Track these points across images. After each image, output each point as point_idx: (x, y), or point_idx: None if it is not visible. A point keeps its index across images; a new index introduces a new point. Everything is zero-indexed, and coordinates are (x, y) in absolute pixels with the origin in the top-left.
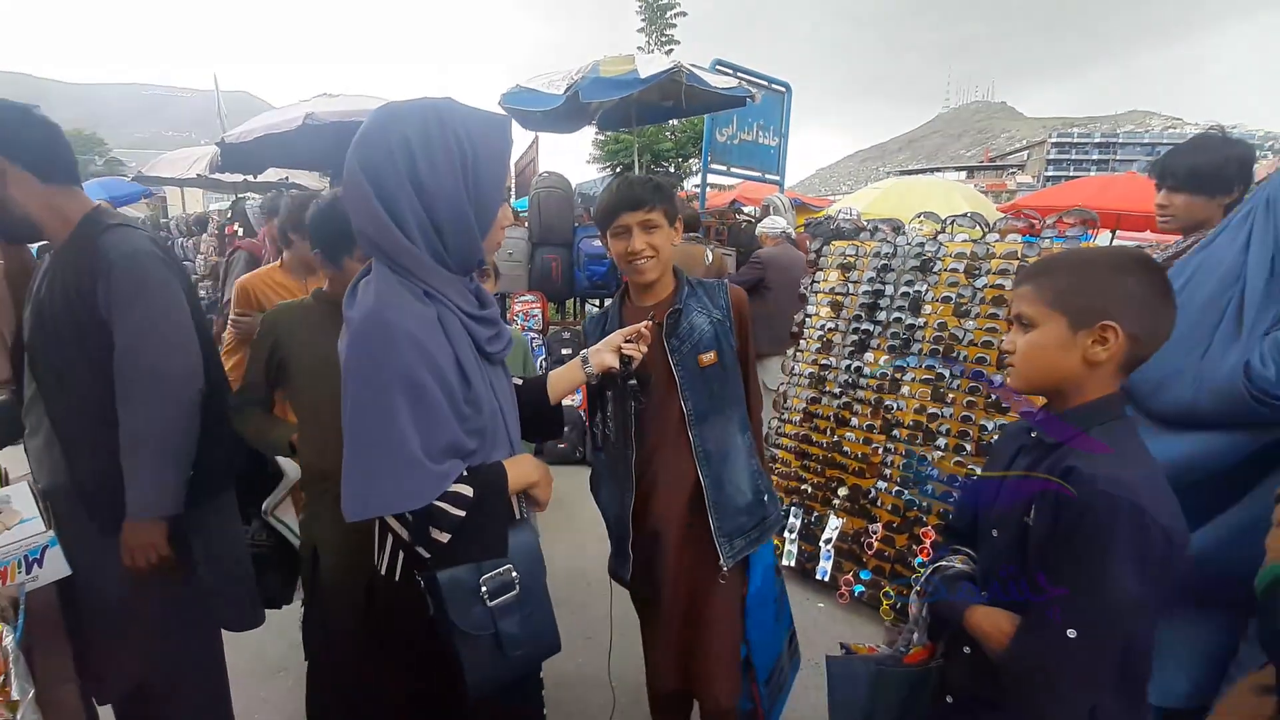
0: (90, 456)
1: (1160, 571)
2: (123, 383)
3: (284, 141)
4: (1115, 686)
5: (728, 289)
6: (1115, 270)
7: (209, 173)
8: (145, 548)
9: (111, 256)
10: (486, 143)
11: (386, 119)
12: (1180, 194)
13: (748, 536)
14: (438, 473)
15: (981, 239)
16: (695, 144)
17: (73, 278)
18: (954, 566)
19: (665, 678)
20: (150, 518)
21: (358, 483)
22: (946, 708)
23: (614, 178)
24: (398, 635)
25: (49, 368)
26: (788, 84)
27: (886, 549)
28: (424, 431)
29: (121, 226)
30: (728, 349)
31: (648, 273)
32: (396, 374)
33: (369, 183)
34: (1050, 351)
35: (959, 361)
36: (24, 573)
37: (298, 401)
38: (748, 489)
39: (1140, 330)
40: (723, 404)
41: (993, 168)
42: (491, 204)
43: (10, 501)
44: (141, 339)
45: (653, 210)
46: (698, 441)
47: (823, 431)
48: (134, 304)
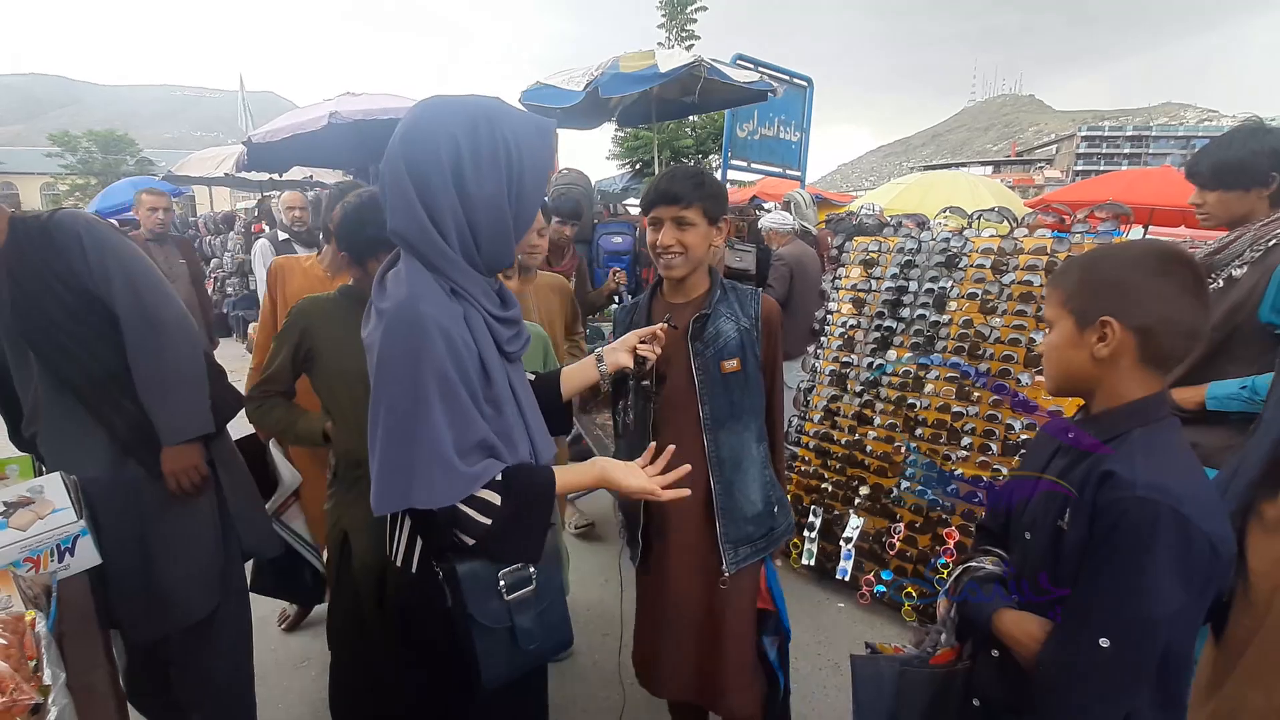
0: (119, 409)
1: (1203, 580)
2: (132, 333)
3: (308, 140)
4: (1151, 696)
5: (760, 298)
6: (1119, 265)
7: (235, 171)
8: (187, 469)
9: (75, 229)
10: (532, 150)
11: (435, 116)
12: (1212, 191)
13: (754, 545)
14: (468, 474)
15: (1009, 234)
16: (716, 140)
17: (39, 264)
18: (984, 567)
19: (677, 690)
20: (185, 440)
21: (389, 476)
22: (973, 711)
23: (671, 167)
24: (413, 625)
25: (55, 351)
26: (809, 78)
27: (908, 549)
28: (456, 427)
29: (60, 209)
30: (752, 358)
31: (674, 269)
32: (432, 367)
33: (412, 183)
34: (1063, 351)
35: (983, 373)
36: (56, 561)
37: (329, 390)
38: (758, 499)
39: (1150, 322)
40: (741, 412)
41: (1020, 162)
42: (531, 209)
43: (43, 491)
44: (136, 293)
45: (689, 207)
46: (711, 447)
47: (844, 430)
48: (114, 265)
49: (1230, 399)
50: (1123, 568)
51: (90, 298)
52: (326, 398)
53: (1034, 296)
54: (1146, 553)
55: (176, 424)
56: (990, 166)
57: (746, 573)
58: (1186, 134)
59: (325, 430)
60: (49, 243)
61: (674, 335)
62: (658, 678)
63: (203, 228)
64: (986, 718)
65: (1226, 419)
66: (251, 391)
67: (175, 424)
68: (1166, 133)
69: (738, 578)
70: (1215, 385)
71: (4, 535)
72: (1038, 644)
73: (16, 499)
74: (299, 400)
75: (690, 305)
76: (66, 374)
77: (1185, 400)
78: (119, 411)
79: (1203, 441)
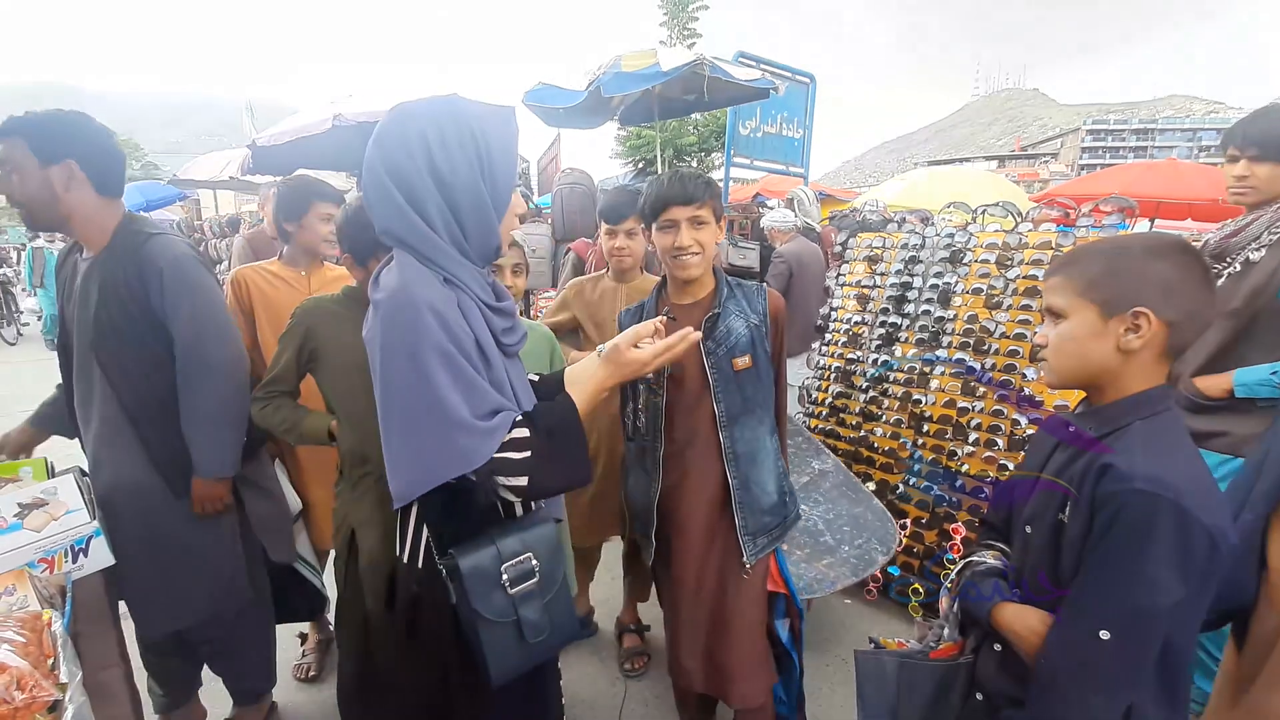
0: (160, 432)
1: (1203, 573)
2: (184, 371)
3: (313, 143)
4: (1153, 689)
5: (766, 293)
6: (1147, 255)
7: (240, 175)
8: (213, 499)
9: (159, 264)
10: (498, 133)
11: (401, 118)
12: (1263, 164)
13: (770, 535)
14: (490, 427)
15: (1014, 229)
16: (718, 138)
17: (122, 283)
18: (985, 562)
19: (690, 678)
20: (215, 476)
21: (407, 462)
22: (976, 705)
23: (664, 171)
24: (421, 622)
25: (113, 363)
26: (812, 75)
27: (915, 544)
28: (466, 394)
29: (161, 235)
30: (762, 354)
31: (692, 269)
32: (431, 343)
33: (391, 180)
34: (1082, 342)
35: (989, 368)
36: (70, 562)
37: (334, 388)
38: (773, 489)
39: (1177, 315)
40: (754, 406)
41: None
42: (505, 189)
43: (57, 493)
44: (196, 334)
45: (702, 206)
46: (727, 443)
47: (849, 426)
48: (185, 304)
49: (1261, 385)
50: (1122, 560)
51: (159, 327)
52: (331, 397)
53: (1039, 291)
54: (1145, 545)
55: (211, 461)
56: (995, 161)
57: (761, 560)
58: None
59: (330, 429)
60: (137, 267)
61: None
62: (676, 670)
63: (208, 231)
64: (989, 711)
65: (1255, 406)
66: (257, 392)
67: (210, 461)
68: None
69: (755, 566)
70: (1243, 372)
71: (19, 536)
72: (1038, 637)
73: (31, 500)
74: (302, 401)
75: (698, 305)
76: (121, 391)
77: (1210, 388)
78: (161, 435)
79: (1232, 430)
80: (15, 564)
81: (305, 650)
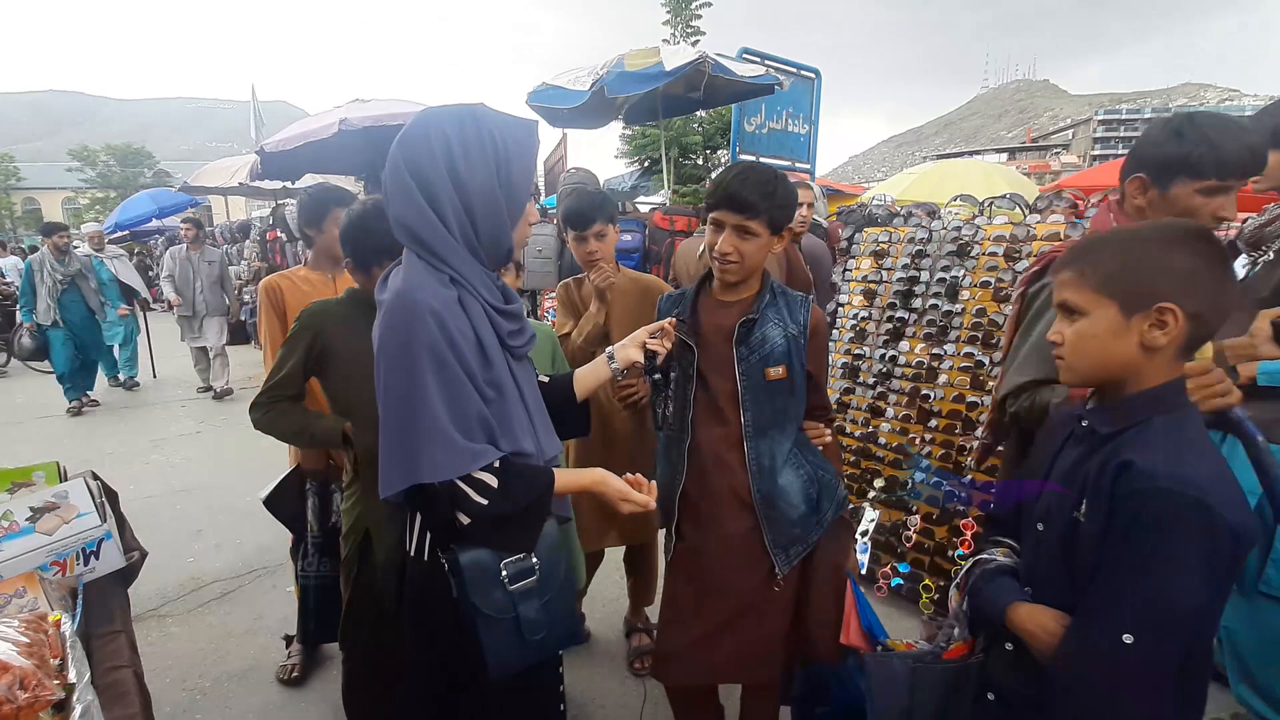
0: None
1: (1227, 573)
2: None
3: (320, 147)
4: (1173, 699)
5: (810, 306)
6: (1164, 244)
7: (250, 180)
8: None
9: None
10: (517, 142)
11: (427, 121)
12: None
13: (802, 543)
14: (467, 450)
15: (1022, 221)
16: (724, 135)
17: None
18: (995, 560)
19: (697, 675)
20: None
21: (394, 458)
22: (988, 705)
23: (743, 164)
24: (422, 614)
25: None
26: (817, 70)
27: (925, 541)
28: (451, 401)
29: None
30: (798, 366)
31: (727, 275)
32: (424, 344)
33: (411, 177)
34: (1104, 341)
35: (997, 362)
36: (82, 564)
37: (344, 390)
38: (800, 501)
39: (1202, 308)
40: (784, 419)
41: (1036, 149)
42: (521, 197)
43: (69, 497)
44: None
45: (755, 219)
46: (752, 455)
47: (857, 422)
48: None
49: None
50: (1146, 561)
51: None
52: (341, 398)
53: None
54: (1171, 546)
55: None
56: (1005, 154)
57: (794, 569)
58: None
59: (345, 430)
60: None
61: (718, 338)
62: (678, 667)
63: (219, 236)
64: (1001, 711)
65: (1277, 393)
66: (258, 398)
67: None
68: None
69: (788, 576)
70: (1267, 362)
71: (31, 540)
72: (1053, 637)
73: (43, 504)
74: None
75: (737, 305)
76: None
77: None
78: None
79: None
80: (28, 567)
81: (290, 652)
